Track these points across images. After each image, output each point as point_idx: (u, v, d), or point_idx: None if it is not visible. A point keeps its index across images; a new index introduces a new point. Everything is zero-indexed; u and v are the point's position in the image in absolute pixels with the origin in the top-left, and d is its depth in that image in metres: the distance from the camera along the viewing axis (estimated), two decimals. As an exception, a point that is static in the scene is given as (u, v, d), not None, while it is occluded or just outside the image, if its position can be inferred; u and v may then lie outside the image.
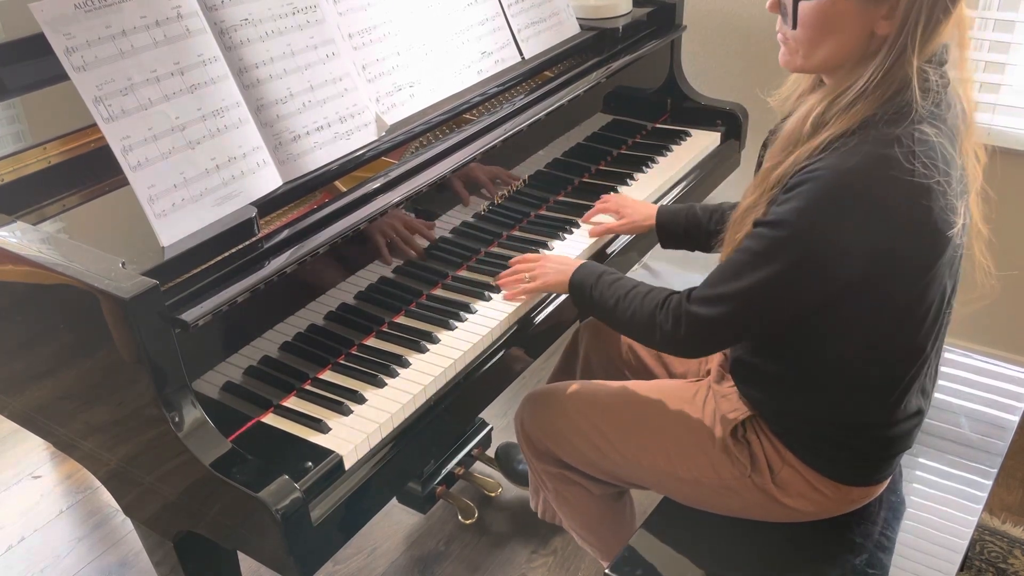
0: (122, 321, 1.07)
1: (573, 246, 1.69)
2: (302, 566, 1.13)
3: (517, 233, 1.73)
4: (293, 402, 1.29)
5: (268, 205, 1.31)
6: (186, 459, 1.12)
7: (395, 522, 2.07)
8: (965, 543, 1.36)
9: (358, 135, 1.45)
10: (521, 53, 1.82)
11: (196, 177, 1.23)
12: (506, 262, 1.59)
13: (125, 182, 1.17)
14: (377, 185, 1.41)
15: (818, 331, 1.22)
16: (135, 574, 1.98)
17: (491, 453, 2.08)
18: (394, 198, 1.41)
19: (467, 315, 1.47)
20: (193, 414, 1.13)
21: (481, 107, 1.69)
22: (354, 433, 1.23)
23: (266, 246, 1.26)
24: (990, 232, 1.28)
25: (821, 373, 1.28)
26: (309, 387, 1.32)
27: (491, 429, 2.08)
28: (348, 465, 1.20)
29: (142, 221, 1.18)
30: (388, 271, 1.48)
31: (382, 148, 1.49)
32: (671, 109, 2.21)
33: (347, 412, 1.26)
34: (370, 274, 1.45)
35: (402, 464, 1.28)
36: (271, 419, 1.26)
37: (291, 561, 1.11)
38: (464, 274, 1.60)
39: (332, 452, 1.19)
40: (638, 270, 2.87)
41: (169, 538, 1.30)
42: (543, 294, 1.54)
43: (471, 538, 2.02)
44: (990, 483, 1.47)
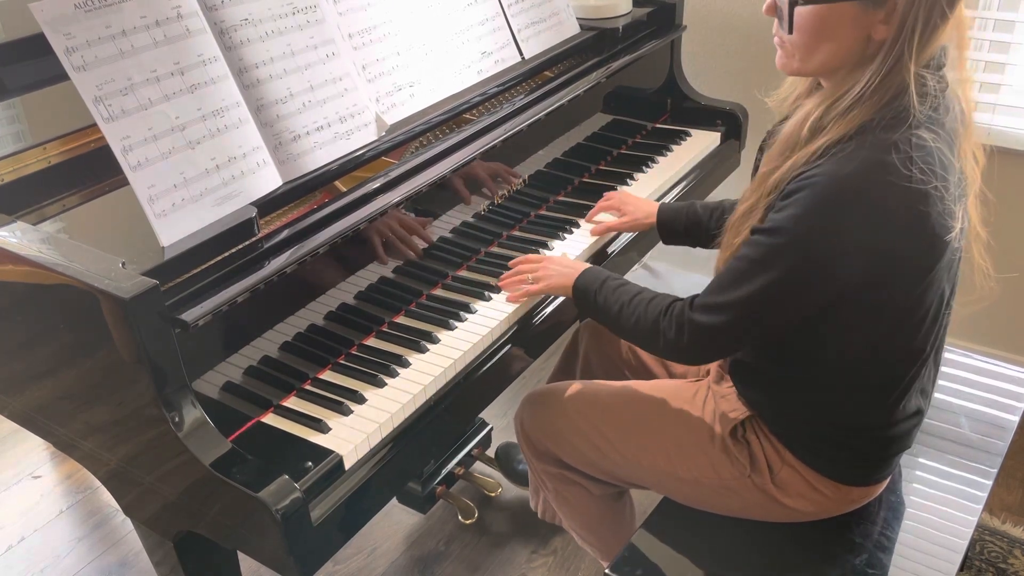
0: (122, 321, 1.07)
1: (573, 246, 1.69)
2: (302, 566, 1.13)
3: (517, 233, 1.73)
4: (293, 402, 1.29)
5: (268, 205, 1.31)
6: (186, 459, 1.12)
7: (395, 522, 2.06)
8: (965, 543, 1.36)
9: (358, 135, 1.45)
10: (521, 53, 1.82)
11: (196, 177, 1.23)
12: (506, 262, 1.59)
13: (125, 182, 1.17)
14: (377, 185, 1.41)
15: (817, 334, 1.22)
16: (135, 574, 1.98)
17: (491, 453, 2.08)
18: (394, 198, 1.41)
19: (467, 315, 1.47)
20: (193, 414, 1.13)
21: (481, 107, 1.69)
22: (354, 433, 1.23)
23: (266, 246, 1.26)
24: (990, 232, 1.28)
25: (820, 374, 1.28)
26: (309, 387, 1.32)
27: (491, 429, 2.08)
28: (348, 465, 1.20)
29: (142, 221, 1.18)
30: (388, 271, 1.48)
31: (382, 148, 1.49)
32: (671, 109, 2.21)
33: (347, 412, 1.26)
34: (370, 274, 1.45)
35: (402, 464, 1.28)
36: (271, 419, 1.26)
37: (291, 561, 1.11)
38: (464, 274, 1.60)
39: (332, 452, 1.19)
40: (638, 270, 2.87)
41: (169, 538, 1.30)
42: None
43: (471, 538, 2.02)
44: (990, 483, 1.47)
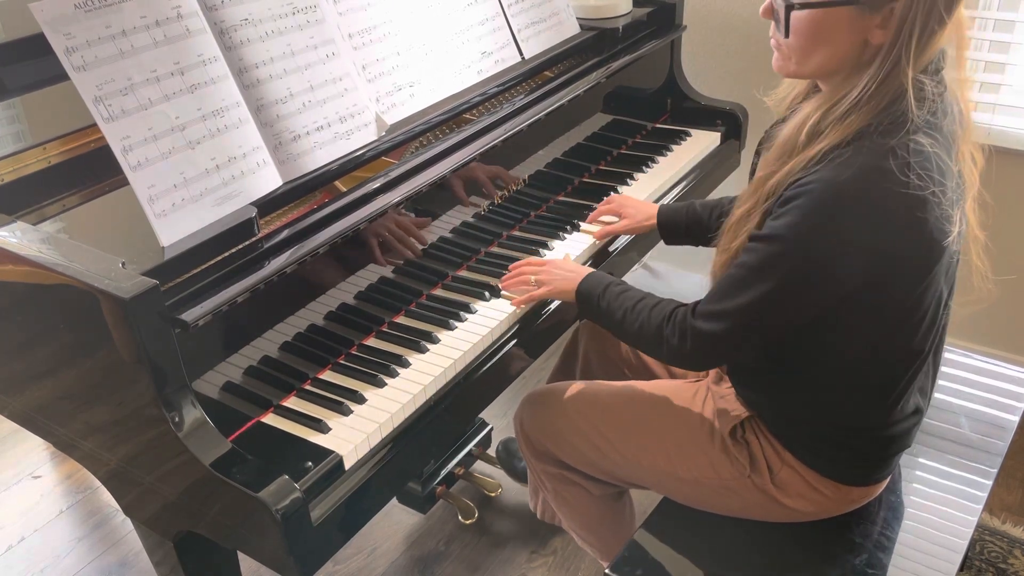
0: (122, 321, 1.07)
1: (573, 246, 1.69)
2: (302, 566, 1.13)
3: (517, 233, 1.73)
4: (293, 402, 1.29)
5: (268, 205, 1.31)
6: (186, 459, 1.12)
7: (395, 522, 2.07)
8: (965, 543, 1.36)
9: (358, 135, 1.45)
10: (521, 53, 1.82)
11: (196, 177, 1.23)
12: (507, 262, 1.59)
13: (125, 182, 1.17)
14: (377, 185, 1.41)
15: (816, 336, 1.22)
16: (135, 574, 1.98)
17: (491, 452, 2.08)
18: (394, 198, 1.41)
19: (467, 315, 1.47)
20: (193, 414, 1.13)
21: (481, 107, 1.69)
22: (354, 433, 1.23)
23: (266, 246, 1.26)
24: (991, 232, 1.28)
25: (819, 375, 1.28)
26: (309, 387, 1.32)
27: (491, 429, 2.08)
28: (348, 465, 1.20)
29: (142, 221, 1.18)
30: (388, 271, 1.48)
31: (382, 148, 1.49)
32: (671, 109, 2.21)
33: (347, 412, 1.26)
34: (370, 274, 1.45)
35: (402, 464, 1.28)
36: (271, 419, 1.26)
37: (291, 561, 1.11)
38: (464, 274, 1.60)
39: (332, 452, 1.19)
40: (638, 270, 2.87)
41: (169, 538, 1.29)
42: (543, 295, 1.54)
43: (471, 538, 2.02)
44: (990, 483, 1.47)
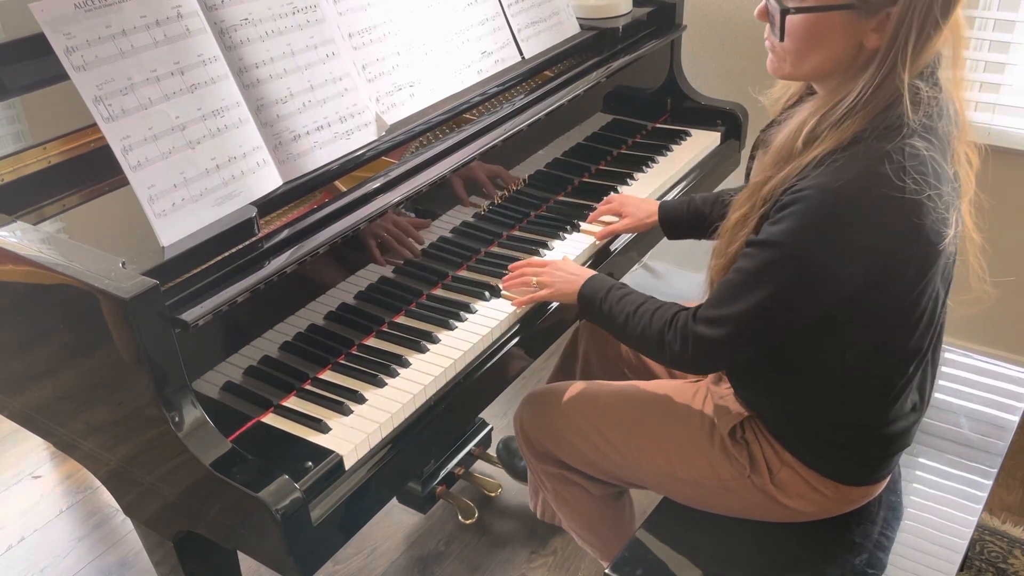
0: (122, 321, 1.07)
1: (573, 246, 1.69)
2: (302, 566, 1.13)
3: (517, 233, 1.73)
4: (293, 402, 1.29)
5: (268, 205, 1.31)
6: (186, 459, 1.12)
7: (395, 522, 2.06)
8: (965, 543, 1.36)
9: (358, 135, 1.45)
10: (521, 53, 1.82)
11: (196, 177, 1.23)
12: (507, 262, 1.59)
13: (125, 182, 1.17)
14: (377, 185, 1.41)
15: (815, 338, 1.22)
16: (135, 574, 1.98)
17: (491, 452, 2.08)
18: (394, 198, 1.41)
19: (467, 315, 1.47)
20: (193, 414, 1.13)
21: (481, 107, 1.69)
22: (354, 433, 1.23)
23: (266, 246, 1.26)
24: (993, 232, 1.28)
25: (818, 376, 1.28)
26: (309, 387, 1.32)
27: (491, 429, 2.08)
28: (348, 465, 1.20)
29: (142, 221, 1.18)
30: (388, 271, 1.48)
31: (382, 148, 1.49)
32: (671, 109, 2.21)
33: (347, 412, 1.26)
34: (370, 274, 1.45)
35: (402, 464, 1.28)
36: (271, 419, 1.26)
37: (291, 561, 1.11)
38: (464, 274, 1.60)
39: (332, 452, 1.19)
40: (638, 270, 2.87)
41: (169, 538, 1.29)
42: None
43: (471, 538, 2.02)
44: (990, 483, 1.47)
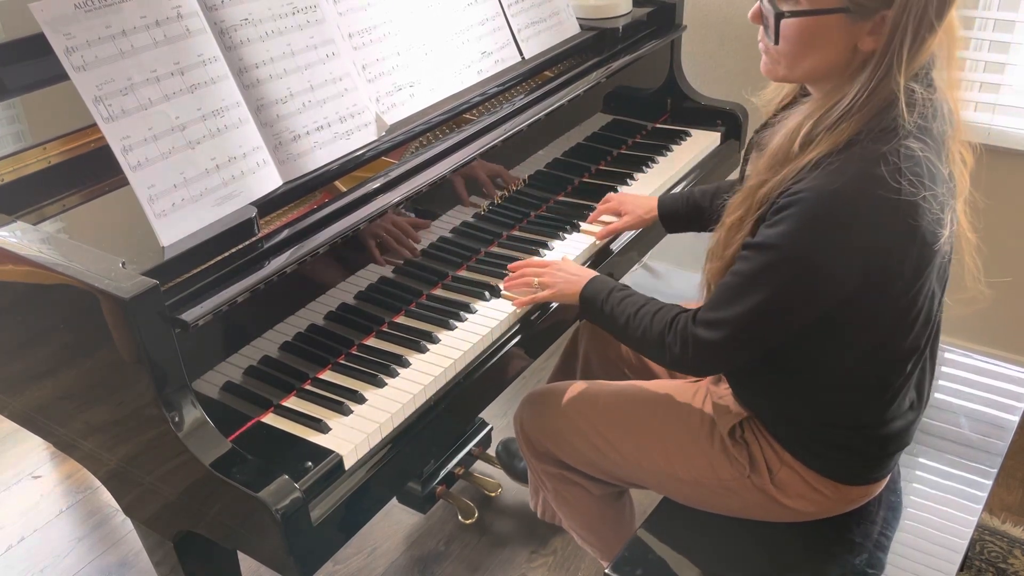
0: (122, 321, 1.07)
1: (574, 246, 1.69)
2: (302, 566, 1.13)
3: (517, 233, 1.73)
4: (293, 402, 1.29)
5: (268, 205, 1.31)
6: (186, 459, 1.12)
7: (395, 522, 2.06)
8: (965, 543, 1.36)
9: (358, 135, 1.45)
10: (521, 53, 1.82)
11: (196, 177, 1.23)
12: (506, 262, 1.59)
13: (125, 182, 1.17)
14: (377, 185, 1.41)
15: (813, 339, 1.22)
16: (135, 574, 1.98)
17: (491, 452, 2.08)
18: (394, 198, 1.41)
19: (467, 315, 1.47)
20: (193, 414, 1.13)
21: (481, 107, 1.69)
22: (354, 433, 1.23)
23: (266, 246, 1.26)
24: (992, 232, 1.28)
25: (817, 376, 1.28)
26: (309, 387, 1.32)
27: (491, 429, 2.08)
28: (348, 465, 1.20)
29: (142, 221, 1.18)
30: (388, 271, 1.48)
31: (382, 148, 1.49)
32: (671, 109, 2.21)
33: (347, 412, 1.26)
34: (370, 274, 1.45)
35: (402, 464, 1.28)
36: (271, 419, 1.26)
37: (291, 561, 1.11)
38: (464, 274, 1.60)
39: (332, 452, 1.19)
40: (638, 270, 2.87)
41: (169, 538, 1.29)
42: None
43: (471, 538, 2.02)
44: (990, 483, 1.47)
